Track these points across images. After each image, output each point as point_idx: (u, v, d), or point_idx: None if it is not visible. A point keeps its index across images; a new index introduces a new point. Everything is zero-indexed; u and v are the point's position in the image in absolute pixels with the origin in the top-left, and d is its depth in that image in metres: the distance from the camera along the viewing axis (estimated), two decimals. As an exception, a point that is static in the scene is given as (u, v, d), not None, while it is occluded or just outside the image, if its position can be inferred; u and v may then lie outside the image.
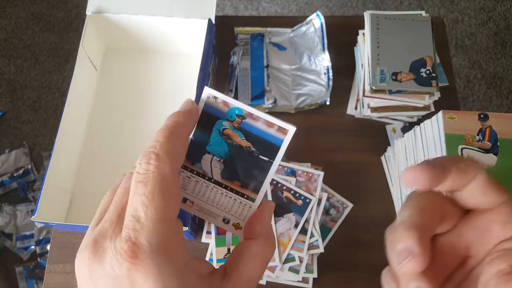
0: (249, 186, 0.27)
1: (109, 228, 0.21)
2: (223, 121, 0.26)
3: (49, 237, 1.29)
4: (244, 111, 0.26)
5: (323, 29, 0.73)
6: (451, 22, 1.66)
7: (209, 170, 0.27)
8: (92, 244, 0.21)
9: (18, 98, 1.52)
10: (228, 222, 0.28)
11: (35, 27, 1.63)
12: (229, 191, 0.27)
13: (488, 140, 0.51)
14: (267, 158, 0.26)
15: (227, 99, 0.26)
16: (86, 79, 0.68)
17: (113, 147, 0.68)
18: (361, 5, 1.68)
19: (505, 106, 1.54)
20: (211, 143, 0.26)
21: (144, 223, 0.20)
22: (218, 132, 0.26)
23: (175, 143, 0.23)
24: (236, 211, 0.27)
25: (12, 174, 1.38)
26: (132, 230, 0.20)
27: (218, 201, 0.27)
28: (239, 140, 0.26)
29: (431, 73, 0.63)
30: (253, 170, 0.26)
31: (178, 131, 0.23)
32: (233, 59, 0.75)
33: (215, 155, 0.27)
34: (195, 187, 0.27)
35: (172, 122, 0.24)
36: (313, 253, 0.59)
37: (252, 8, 1.69)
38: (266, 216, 0.27)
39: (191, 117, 0.25)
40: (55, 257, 0.63)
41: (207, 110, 0.26)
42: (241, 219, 0.27)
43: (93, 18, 0.66)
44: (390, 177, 0.66)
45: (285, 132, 0.26)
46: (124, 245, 0.20)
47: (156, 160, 0.22)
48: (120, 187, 0.24)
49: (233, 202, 0.27)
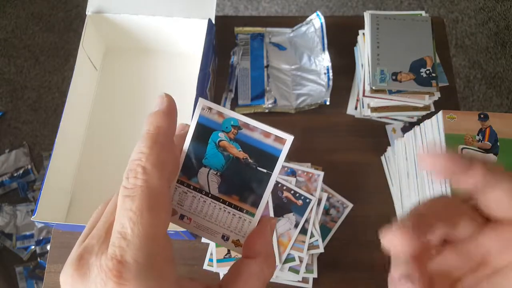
0: (248, 200, 0.26)
1: (95, 244, 0.20)
2: (218, 132, 0.25)
3: (49, 237, 1.29)
4: (239, 121, 0.25)
5: (323, 29, 0.73)
6: (451, 22, 1.66)
7: (206, 184, 0.26)
8: (77, 260, 0.20)
9: (18, 98, 1.52)
10: (227, 239, 0.27)
11: (35, 27, 1.63)
12: (227, 206, 0.26)
13: (488, 140, 0.51)
14: (266, 169, 0.25)
15: (222, 109, 0.25)
16: (86, 79, 0.68)
17: (113, 147, 0.68)
18: (361, 5, 1.68)
19: (505, 106, 1.54)
20: (207, 156, 0.25)
21: (130, 240, 0.19)
22: (214, 144, 0.25)
23: (160, 152, 0.21)
24: (235, 227, 0.26)
25: (12, 174, 1.38)
26: (118, 248, 0.19)
27: (217, 217, 0.26)
28: (236, 151, 0.25)
29: (431, 73, 0.63)
30: (251, 183, 0.25)
31: (162, 138, 0.22)
32: (233, 59, 0.75)
33: (212, 168, 0.26)
34: (192, 203, 0.26)
35: (154, 127, 0.22)
36: (313, 253, 0.59)
37: (252, 8, 1.69)
38: (266, 233, 0.26)
39: (171, 116, 0.23)
40: (55, 257, 0.63)
41: (202, 122, 0.25)
42: (240, 236, 0.26)
43: (93, 18, 0.66)
44: (390, 177, 0.66)
45: (282, 141, 0.25)
46: (110, 263, 0.19)
47: (143, 174, 0.20)
48: (111, 202, 0.23)
49: (232, 218, 0.26)
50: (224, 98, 0.72)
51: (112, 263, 0.19)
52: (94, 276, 0.19)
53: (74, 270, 0.20)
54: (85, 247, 0.20)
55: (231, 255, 0.59)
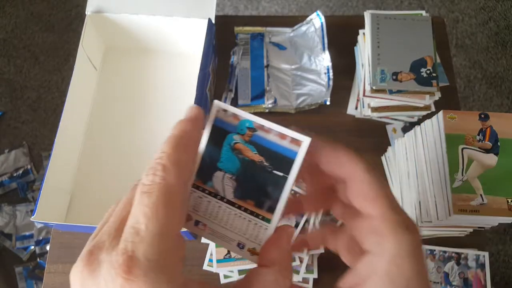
0: (264, 206, 0.24)
1: (106, 240, 0.20)
2: (233, 135, 0.24)
3: (48, 237, 1.29)
4: (254, 123, 0.24)
5: (323, 28, 0.73)
6: (451, 21, 1.66)
7: (221, 188, 0.25)
8: (87, 255, 0.20)
9: (18, 98, 1.52)
10: (243, 247, 0.25)
11: (35, 27, 1.63)
12: (243, 212, 0.25)
13: (488, 140, 0.51)
14: (282, 173, 0.24)
15: (237, 111, 0.24)
16: (85, 79, 0.68)
17: (113, 147, 0.67)
18: (361, 5, 1.68)
19: (506, 106, 1.54)
20: (222, 159, 0.24)
21: (143, 236, 0.19)
22: (229, 147, 0.24)
23: (182, 153, 0.22)
24: (251, 234, 0.25)
25: (11, 174, 1.38)
26: (131, 243, 0.19)
27: (232, 223, 0.25)
28: (251, 154, 0.24)
29: (431, 73, 0.62)
30: (267, 187, 0.24)
31: (184, 141, 0.22)
32: (233, 59, 0.75)
33: (227, 172, 0.25)
34: (207, 208, 0.25)
35: (178, 131, 0.23)
36: (313, 254, 0.59)
37: (252, 7, 1.69)
38: (283, 242, 0.25)
39: (197, 124, 0.24)
40: (55, 257, 0.62)
41: (217, 125, 0.24)
42: (256, 243, 0.25)
43: (93, 18, 0.65)
44: (391, 177, 0.66)
45: (299, 143, 0.23)
46: (120, 258, 0.19)
47: (162, 171, 0.21)
48: (123, 199, 0.23)
49: (247, 224, 0.25)
50: (224, 98, 0.72)
51: (123, 259, 0.18)
52: (104, 272, 0.19)
53: (84, 265, 0.19)
54: (95, 243, 0.20)
55: (231, 256, 0.59)
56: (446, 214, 0.50)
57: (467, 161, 0.50)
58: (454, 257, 0.61)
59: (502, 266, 1.34)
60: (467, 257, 0.60)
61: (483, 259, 0.60)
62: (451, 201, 0.49)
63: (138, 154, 0.66)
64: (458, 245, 0.61)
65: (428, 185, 0.54)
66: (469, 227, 0.58)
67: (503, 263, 1.34)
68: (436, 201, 0.52)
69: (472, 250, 0.61)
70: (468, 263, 0.60)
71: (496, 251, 1.35)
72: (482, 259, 0.60)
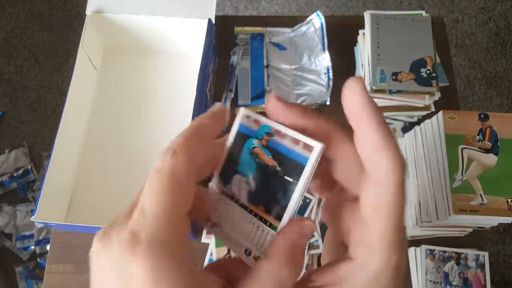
0: (273, 212, 0.24)
1: (119, 219, 0.22)
2: (253, 139, 0.25)
3: (49, 237, 1.29)
4: (272, 128, 0.24)
5: (323, 29, 0.73)
6: (451, 22, 1.66)
7: (237, 191, 0.25)
8: (102, 233, 0.22)
9: (18, 98, 1.52)
10: (250, 253, 0.25)
11: (35, 27, 1.63)
12: (253, 216, 0.24)
13: (488, 140, 0.51)
14: (292, 179, 0.23)
15: (258, 117, 0.24)
16: (86, 79, 0.68)
17: (113, 147, 0.67)
18: (361, 5, 1.68)
19: (505, 106, 1.54)
20: (241, 163, 0.25)
21: (148, 215, 0.20)
22: (248, 151, 0.25)
23: (195, 141, 0.22)
24: (257, 240, 0.24)
25: (11, 174, 1.38)
26: (136, 221, 0.20)
27: (243, 227, 0.25)
28: (266, 158, 0.24)
29: (431, 73, 0.63)
30: (277, 193, 0.24)
31: (200, 130, 0.23)
32: (233, 59, 0.75)
33: (244, 175, 0.25)
34: (223, 211, 0.25)
35: (196, 122, 0.23)
36: (313, 253, 0.59)
37: (252, 8, 1.69)
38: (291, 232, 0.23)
39: (216, 118, 0.24)
40: (55, 257, 0.62)
41: (240, 131, 0.25)
42: (261, 251, 0.24)
43: (93, 18, 0.66)
44: (390, 177, 0.66)
45: (310, 149, 0.23)
46: (126, 236, 0.20)
47: (172, 157, 0.22)
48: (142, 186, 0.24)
49: (256, 230, 0.25)
50: (224, 98, 0.72)
51: (128, 236, 0.20)
52: (114, 246, 0.21)
53: (98, 241, 0.21)
54: (110, 223, 0.22)
55: (231, 256, 0.59)
56: (446, 214, 0.50)
57: (467, 161, 0.50)
58: (454, 257, 0.61)
59: (502, 266, 1.34)
60: (467, 257, 0.61)
61: (482, 259, 0.60)
62: (451, 201, 0.49)
63: (138, 154, 0.66)
64: (458, 245, 0.61)
65: (428, 185, 0.54)
66: (468, 227, 0.58)
67: (503, 263, 1.34)
68: (436, 201, 0.52)
69: (472, 250, 0.61)
70: (468, 263, 0.60)
71: (496, 251, 1.35)
72: (482, 259, 0.60)
